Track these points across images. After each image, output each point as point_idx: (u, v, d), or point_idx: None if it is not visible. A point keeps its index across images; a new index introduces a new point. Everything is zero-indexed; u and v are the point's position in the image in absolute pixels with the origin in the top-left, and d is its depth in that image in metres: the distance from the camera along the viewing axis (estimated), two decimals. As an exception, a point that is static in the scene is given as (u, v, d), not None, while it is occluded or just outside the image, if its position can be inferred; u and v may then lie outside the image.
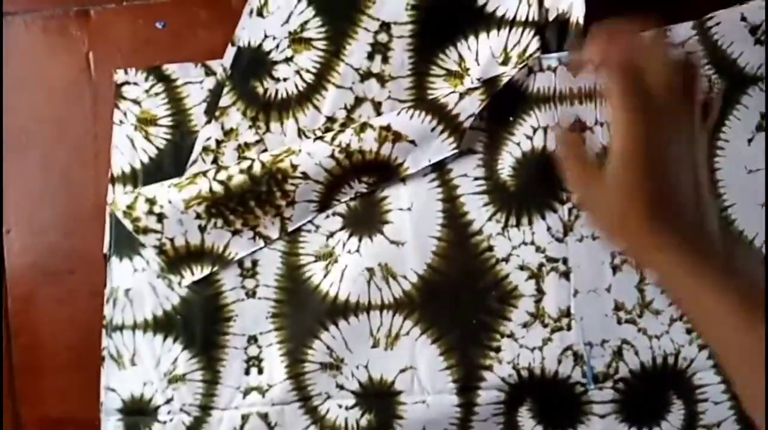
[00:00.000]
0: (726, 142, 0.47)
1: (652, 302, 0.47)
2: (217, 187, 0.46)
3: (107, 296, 0.50)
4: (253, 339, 0.49)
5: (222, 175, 0.47)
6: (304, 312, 0.49)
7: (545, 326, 0.47)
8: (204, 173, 0.47)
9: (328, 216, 0.49)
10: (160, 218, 0.47)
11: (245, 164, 0.47)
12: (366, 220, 0.49)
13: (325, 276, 0.49)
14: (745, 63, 0.47)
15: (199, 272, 0.49)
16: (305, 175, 0.46)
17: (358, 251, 0.49)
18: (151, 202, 0.47)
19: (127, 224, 0.48)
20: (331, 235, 0.49)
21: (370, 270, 0.48)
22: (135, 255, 0.49)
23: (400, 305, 0.48)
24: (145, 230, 0.48)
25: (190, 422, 0.49)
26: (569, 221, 0.47)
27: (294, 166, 0.46)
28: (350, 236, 0.49)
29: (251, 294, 0.49)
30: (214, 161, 0.49)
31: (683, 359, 0.47)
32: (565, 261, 0.47)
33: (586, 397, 0.47)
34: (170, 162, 0.49)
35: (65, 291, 0.51)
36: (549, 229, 0.47)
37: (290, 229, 0.48)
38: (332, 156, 0.46)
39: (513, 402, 0.47)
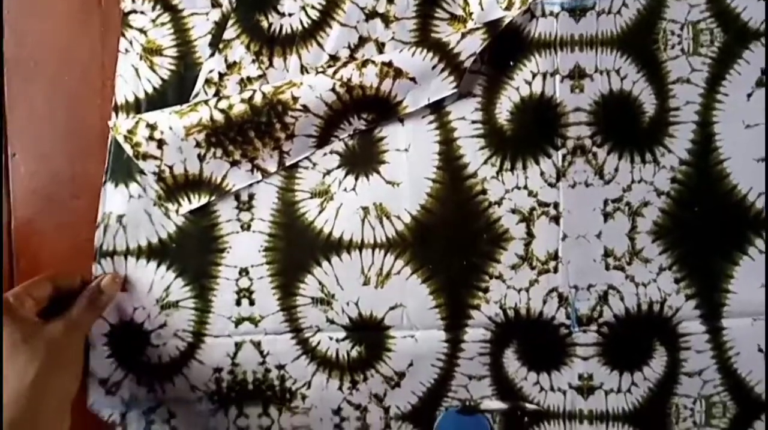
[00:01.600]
0: (725, 96, 0.47)
1: (642, 251, 0.47)
2: (218, 116, 0.47)
3: (98, 222, 0.51)
4: (244, 271, 0.50)
5: (223, 104, 0.47)
6: (297, 247, 0.50)
7: (533, 268, 0.48)
8: (205, 102, 0.48)
9: (325, 154, 0.49)
10: (160, 144, 0.48)
11: (247, 94, 0.47)
12: (363, 159, 0.49)
13: (319, 213, 0.50)
14: (748, 17, 0.47)
15: (197, 201, 0.50)
16: (305, 108, 0.47)
17: (354, 189, 0.49)
18: (151, 127, 0.48)
19: (128, 148, 0.49)
20: (328, 172, 0.50)
21: (365, 209, 0.49)
22: (131, 182, 0.50)
23: (393, 245, 0.49)
24: (145, 156, 0.49)
25: (184, 347, 0.50)
26: (563, 167, 0.47)
27: (295, 99, 0.47)
28: (347, 174, 0.49)
29: (246, 227, 0.50)
30: (216, 94, 0.49)
31: (669, 308, 0.47)
32: (556, 206, 0.47)
33: (569, 339, 0.48)
34: (174, 93, 0.50)
35: (67, 217, 0.52)
36: (542, 174, 0.47)
37: (288, 163, 0.49)
38: (333, 90, 0.46)
39: (499, 342, 0.48)
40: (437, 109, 0.48)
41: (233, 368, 0.50)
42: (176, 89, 0.50)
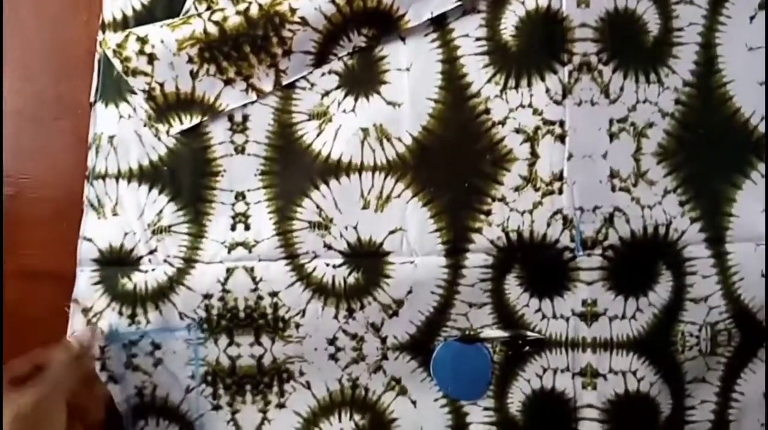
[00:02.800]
0: (728, 18, 0.47)
1: (648, 173, 0.46)
2: (212, 29, 0.45)
3: (90, 143, 0.48)
4: (240, 195, 0.48)
5: (217, 16, 0.45)
6: (294, 170, 0.48)
7: (537, 189, 0.46)
8: (199, 14, 0.46)
9: (323, 74, 0.48)
10: (151, 59, 0.46)
11: (242, 6, 0.45)
12: (363, 79, 0.48)
13: (318, 135, 0.48)
14: (752, -61, 0.47)
15: (188, 121, 0.48)
16: (304, 21, 0.45)
17: (353, 110, 0.48)
18: (142, 41, 0.46)
19: (117, 63, 0.46)
20: (327, 93, 0.48)
21: (365, 130, 0.48)
22: (121, 101, 0.48)
23: (393, 167, 0.47)
24: (135, 72, 0.46)
25: (173, 273, 0.48)
26: (569, 84, 0.46)
27: (293, 10, 0.45)
28: (346, 95, 0.48)
29: (240, 150, 0.48)
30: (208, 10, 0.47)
31: (674, 231, 0.46)
32: (561, 124, 0.46)
33: (573, 263, 0.47)
34: (163, 10, 0.48)
35: (50, 139, 0.50)
36: (548, 91, 0.46)
37: (285, 82, 0.47)
38: (333, 1, 0.45)
39: (501, 268, 0.47)
40: (440, 26, 0.47)
41: (224, 295, 0.48)
42: (165, 6, 0.48)
